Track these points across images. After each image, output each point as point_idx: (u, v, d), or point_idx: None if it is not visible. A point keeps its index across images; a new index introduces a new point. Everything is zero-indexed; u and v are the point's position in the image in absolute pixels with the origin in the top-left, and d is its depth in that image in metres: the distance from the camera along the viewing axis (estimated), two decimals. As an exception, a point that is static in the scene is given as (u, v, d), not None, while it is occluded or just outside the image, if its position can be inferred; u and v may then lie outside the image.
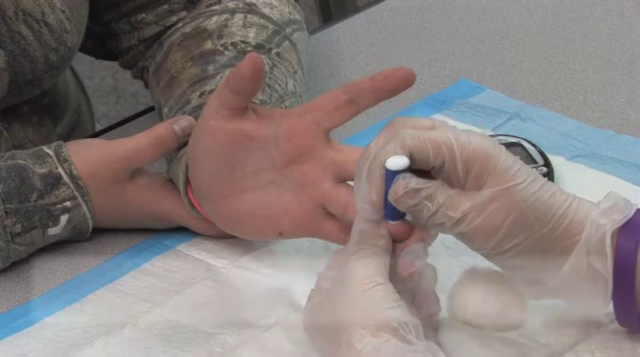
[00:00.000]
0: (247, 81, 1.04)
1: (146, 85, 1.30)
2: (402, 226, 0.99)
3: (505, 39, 1.38)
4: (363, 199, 1.00)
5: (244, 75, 1.04)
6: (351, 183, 1.05)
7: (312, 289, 1.00)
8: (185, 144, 1.11)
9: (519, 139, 1.21)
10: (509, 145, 1.20)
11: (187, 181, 1.11)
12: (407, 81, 1.05)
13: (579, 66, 1.22)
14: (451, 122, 1.18)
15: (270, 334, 1.05)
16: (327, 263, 0.99)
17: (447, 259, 1.08)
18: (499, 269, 1.07)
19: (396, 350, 0.91)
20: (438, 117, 1.26)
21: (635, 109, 1.29)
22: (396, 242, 0.99)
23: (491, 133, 1.23)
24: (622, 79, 1.34)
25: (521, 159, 1.11)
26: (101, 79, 1.30)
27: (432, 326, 1.01)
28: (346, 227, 1.00)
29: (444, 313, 1.04)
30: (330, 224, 1.05)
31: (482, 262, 1.04)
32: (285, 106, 1.17)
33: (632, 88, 1.32)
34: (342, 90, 1.07)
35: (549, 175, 1.19)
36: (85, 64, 1.33)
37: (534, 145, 1.20)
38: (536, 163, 1.19)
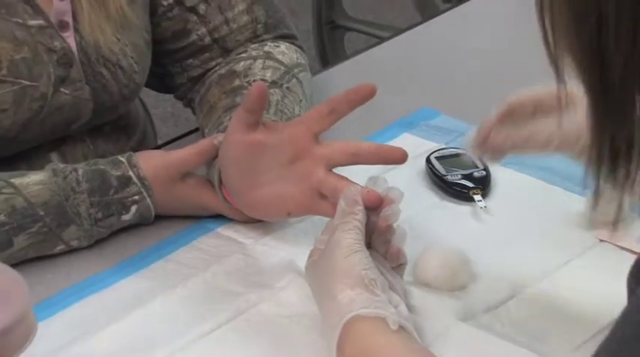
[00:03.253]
0: (255, 101, 1.06)
1: (193, 112, 1.32)
2: (375, 197, 1.01)
3: (455, 79, 1.40)
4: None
5: (252, 97, 1.06)
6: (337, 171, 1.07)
7: (312, 249, 1.02)
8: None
9: (465, 150, 1.20)
10: (457, 155, 1.23)
11: (220, 181, 1.12)
12: (371, 93, 1.07)
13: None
14: (415, 139, 1.27)
15: (283, 292, 1.06)
16: (322, 230, 1.02)
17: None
18: (452, 247, 1.08)
19: (366, 301, 0.92)
20: (407, 135, 1.28)
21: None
22: (371, 209, 1.01)
23: (444, 146, 1.25)
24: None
25: (466, 164, 1.22)
26: (163, 108, 1.33)
27: (401, 276, 1.03)
28: (336, 206, 1.01)
29: (409, 278, 1.06)
30: (324, 204, 1.06)
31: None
32: None
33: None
34: (324, 104, 1.10)
35: (487, 176, 1.21)
36: (150, 96, 1.34)
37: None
38: (478, 167, 1.21)
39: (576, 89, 0.70)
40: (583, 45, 0.65)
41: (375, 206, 1.01)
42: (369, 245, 1.02)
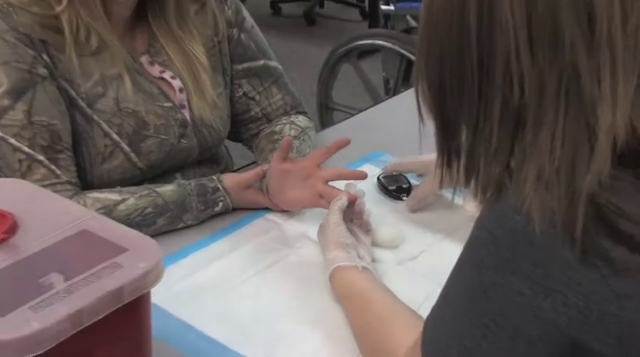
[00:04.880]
0: (285, 148, 1.07)
1: (252, 152, 1.29)
2: (352, 196, 1.01)
3: (392, 135, 1.34)
4: None
5: (284, 145, 1.07)
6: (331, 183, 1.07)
7: (320, 225, 1.00)
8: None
9: (399, 173, 1.19)
10: (393, 175, 1.19)
11: (267, 189, 1.12)
12: (347, 143, 1.08)
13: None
14: (372, 167, 1.24)
15: (300, 250, 1.04)
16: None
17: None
18: (391, 224, 1.06)
19: (343, 257, 0.91)
20: (367, 165, 1.26)
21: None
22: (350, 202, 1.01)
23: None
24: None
25: (399, 181, 1.18)
26: (237, 150, 1.32)
27: (369, 241, 1.01)
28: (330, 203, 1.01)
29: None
30: (323, 202, 1.05)
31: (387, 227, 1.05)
32: None
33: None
34: (322, 148, 1.10)
35: (410, 187, 1.16)
36: (230, 143, 1.33)
37: (404, 176, 1.18)
38: (404, 182, 1.17)
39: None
40: (433, 98, 0.63)
41: (352, 201, 1.01)
42: (351, 220, 1.01)
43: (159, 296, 0.78)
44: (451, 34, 0.58)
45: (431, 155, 0.68)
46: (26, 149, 0.98)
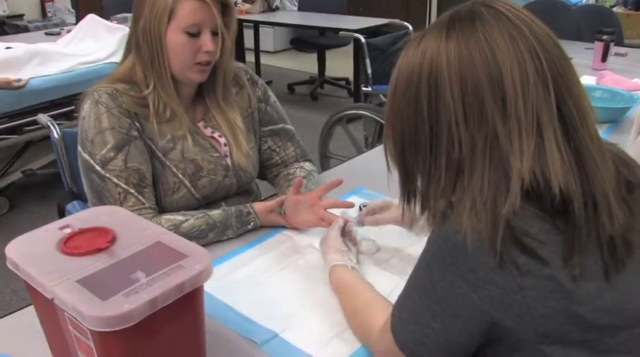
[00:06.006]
0: (297, 185, 1.06)
1: (274, 187, 1.27)
2: (345, 220, 0.99)
3: (371, 175, 1.31)
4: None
5: (296, 183, 1.06)
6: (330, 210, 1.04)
7: (321, 237, 0.98)
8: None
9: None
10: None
11: (285, 213, 1.09)
12: (339, 182, 1.06)
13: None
14: (357, 198, 1.22)
15: (307, 256, 1.01)
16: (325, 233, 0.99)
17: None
18: (370, 237, 1.02)
19: (339, 259, 0.90)
20: (353, 197, 1.22)
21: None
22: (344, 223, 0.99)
23: (367, 201, 1.18)
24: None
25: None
26: (263, 186, 1.30)
27: (355, 249, 0.97)
28: (329, 224, 1.00)
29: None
30: (324, 223, 1.04)
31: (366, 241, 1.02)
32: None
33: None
34: (322, 186, 1.07)
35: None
36: (258, 181, 1.33)
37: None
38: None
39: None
40: (397, 154, 0.63)
41: (345, 223, 1.00)
42: (344, 235, 0.99)
43: (209, 287, 0.80)
44: (409, 111, 0.60)
45: (394, 200, 0.67)
46: (123, 185, 1.01)
